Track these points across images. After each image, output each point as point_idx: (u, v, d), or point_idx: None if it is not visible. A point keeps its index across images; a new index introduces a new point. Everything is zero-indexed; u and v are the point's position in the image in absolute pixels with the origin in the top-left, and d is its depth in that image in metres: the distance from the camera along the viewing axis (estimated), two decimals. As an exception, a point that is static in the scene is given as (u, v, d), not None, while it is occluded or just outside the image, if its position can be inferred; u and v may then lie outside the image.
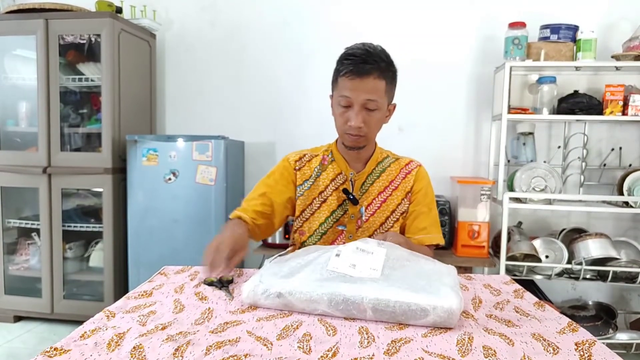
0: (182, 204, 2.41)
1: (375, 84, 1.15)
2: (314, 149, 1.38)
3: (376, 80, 1.15)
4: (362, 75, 1.13)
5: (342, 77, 1.16)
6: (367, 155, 1.32)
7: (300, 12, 2.73)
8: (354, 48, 1.17)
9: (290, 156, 1.36)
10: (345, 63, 1.15)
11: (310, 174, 1.32)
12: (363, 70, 1.13)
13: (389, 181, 1.31)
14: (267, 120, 2.80)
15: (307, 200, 1.32)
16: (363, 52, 1.15)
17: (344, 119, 1.19)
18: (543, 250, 2.29)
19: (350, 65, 1.14)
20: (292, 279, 0.91)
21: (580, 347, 0.77)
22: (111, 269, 2.49)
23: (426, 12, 2.62)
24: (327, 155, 1.34)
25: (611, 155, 2.52)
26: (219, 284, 1.07)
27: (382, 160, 1.34)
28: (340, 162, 1.31)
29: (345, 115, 1.19)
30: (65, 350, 0.73)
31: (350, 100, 1.16)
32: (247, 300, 0.93)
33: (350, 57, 1.15)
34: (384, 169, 1.32)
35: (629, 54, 2.22)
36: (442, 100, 2.63)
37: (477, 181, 2.37)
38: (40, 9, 2.44)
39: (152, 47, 2.79)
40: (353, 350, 0.74)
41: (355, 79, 1.14)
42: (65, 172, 2.46)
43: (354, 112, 1.17)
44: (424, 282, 0.87)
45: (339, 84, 1.18)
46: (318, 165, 1.33)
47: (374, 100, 1.16)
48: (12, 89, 2.65)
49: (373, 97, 1.15)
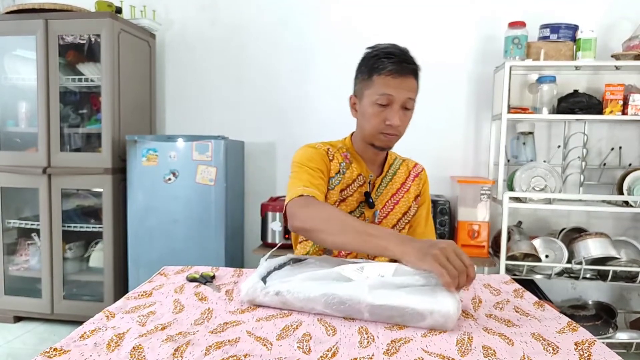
0: (182, 204, 2.41)
1: (413, 84, 1.17)
2: (332, 143, 1.30)
3: (413, 80, 1.16)
4: (404, 74, 1.14)
5: (382, 75, 1.14)
6: (382, 158, 1.31)
7: (300, 12, 2.73)
8: (388, 47, 1.17)
9: (317, 144, 1.28)
10: (385, 61, 1.13)
11: (338, 169, 1.26)
12: (406, 69, 1.14)
13: (400, 184, 1.31)
14: (267, 120, 2.80)
15: (334, 195, 1.25)
16: (400, 52, 1.16)
17: (381, 118, 1.16)
18: (543, 250, 2.29)
19: (392, 64, 1.13)
20: (293, 278, 0.91)
21: (580, 346, 0.77)
22: (111, 269, 2.49)
23: (426, 12, 2.62)
24: (346, 153, 1.29)
25: (611, 154, 2.52)
26: (202, 279, 1.09)
27: (392, 163, 1.33)
28: (360, 164, 1.28)
29: (383, 114, 1.16)
30: (65, 351, 0.73)
31: (392, 98, 1.14)
32: (246, 298, 0.93)
33: (390, 55, 1.14)
34: (395, 171, 1.32)
35: (628, 54, 2.22)
36: (442, 100, 2.63)
37: (477, 181, 2.38)
38: (40, 9, 2.44)
39: (152, 47, 2.79)
40: (353, 350, 0.74)
41: (398, 78, 1.13)
42: (65, 172, 2.46)
43: (394, 111, 1.15)
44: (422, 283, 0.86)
45: (376, 82, 1.15)
46: (343, 162, 1.27)
47: (413, 100, 1.17)
48: (12, 89, 2.65)
49: (412, 96, 1.17)
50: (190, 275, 1.12)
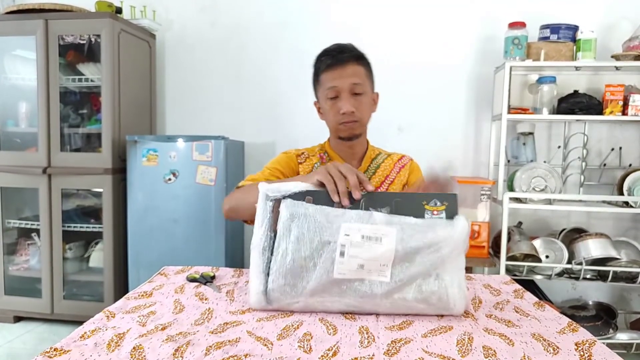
0: (182, 204, 2.41)
1: (355, 69, 1.21)
2: (309, 149, 1.38)
3: (355, 65, 1.21)
4: (342, 63, 1.20)
5: (324, 72, 1.22)
6: (361, 152, 1.34)
7: (300, 13, 2.73)
8: (326, 47, 1.25)
9: (291, 151, 1.37)
10: (323, 59, 1.23)
11: (310, 170, 1.32)
12: (342, 58, 1.20)
13: (385, 176, 1.33)
14: (267, 120, 2.80)
15: None
16: (336, 46, 1.24)
17: (335, 109, 1.22)
18: (543, 250, 2.29)
19: (329, 58, 1.21)
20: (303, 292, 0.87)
21: (580, 347, 0.77)
22: (111, 269, 2.49)
23: (426, 12, 2.62)
24: (323, 154, 1.35)
25: (611, 155, 2.52)
26: (203, 279, 1.09)
27: (375, 157, 1.36)
28: (338, 161, 1.32)
29: (336, 106, 1.22)
30: (65, 351, 0.73)
31: (337, 89, 1.20)
32: (257, 306, 0.90)
33: (326, 52, 1.23)
34: (378, 165, 1.34)
35: (628, 54, 2.22)
36: (442, 100, 2.63)
37: (477, 181, 2.37)
38: (40, 9, 2.44)
39: (152, 48, 2.79)
40: (353, 350, 0.74)
41: (337, 68, 1.20)
42: (65, 172, 2.46)
43: (343, 99, 1.20)
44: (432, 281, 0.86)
45: (322, 80, 1.24)
46: (317, 162, 1.33)
47: (359, 84, 1.21)
48: (12, 89, 2.65)
49: (357, 81, 1.20)
50: (191, 275, 1.12)
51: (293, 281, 0.87)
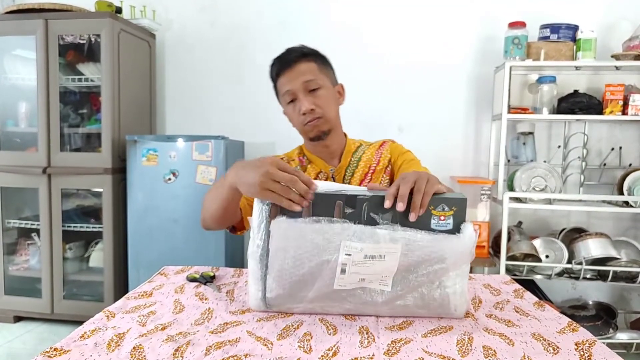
0: (182, 204, 2.41)
1: (305, 67, 1.20)
2: (288, 153, 1.37)
3: (304, 63, 1.21)
4: (290, 65, 1.20)
5: (277, 79, 1.23)
6: (339, 148, 1.31)
7: (299, 13, 2.72)
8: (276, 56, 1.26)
9: (272, 156, 1.35)
10: (274, 67, 1.23)
11: None
12: (289, 61, 1.20)
13: (368, 167, 1.30)
14: (267, 120, 2.79)
15: None
16: (285, 50, 1.24)
17: (296, 112, 1.21)
18: (543, 250, 2.29)
19: (278, 64, 1.22)
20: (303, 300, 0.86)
21: (580, 347, 0.77)
22: (111, 269, 2.49)
23: (426, 12, 2.62)
24: (302, 157, 1.33)
25: (611, 154, 2.52)
26: (203, 279, 1.10)
27: (355, 151, 1.33)
28: (317, 162, 1.30)
29: (296, 108, 1.21)
30: (65, 351, 0.73)
31: (292, 91, 1.20)
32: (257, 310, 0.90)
33: (275, 59, 1.24)
34: (359, 157, 1.31)
35: (628, 54, 2.22)
36: (442, 100, 2.63)
37: (477, 181, 2.37)
38: (40, 9, 2.44)
39: (151, 47, 2.79)
40: (353, 350, 0.74)
41: (287, 71, 1.20)
42: (65, 172, 2.46)
43: (301, 100, 1.20)
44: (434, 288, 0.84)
45: (278, 88, 1.24)
46: (298, 166, 1.31)
47: (312, 80, 1.19)
48: (12, 89, 2.65)
49: (309, 77, 1.19)
50: (191, 275, 1.12)
51: (292, 292, 0.85)
